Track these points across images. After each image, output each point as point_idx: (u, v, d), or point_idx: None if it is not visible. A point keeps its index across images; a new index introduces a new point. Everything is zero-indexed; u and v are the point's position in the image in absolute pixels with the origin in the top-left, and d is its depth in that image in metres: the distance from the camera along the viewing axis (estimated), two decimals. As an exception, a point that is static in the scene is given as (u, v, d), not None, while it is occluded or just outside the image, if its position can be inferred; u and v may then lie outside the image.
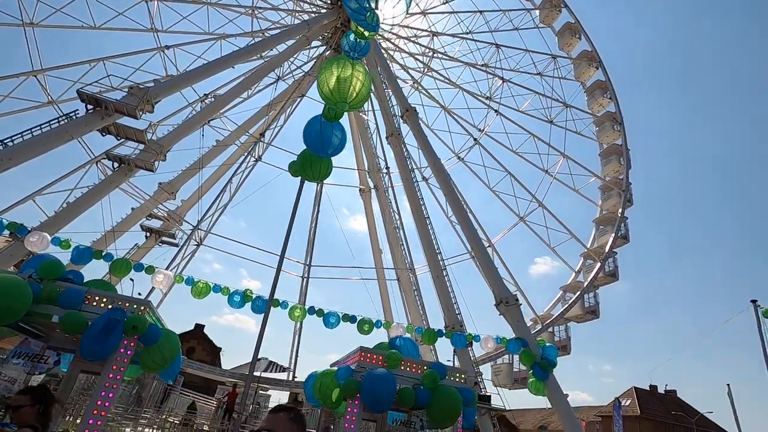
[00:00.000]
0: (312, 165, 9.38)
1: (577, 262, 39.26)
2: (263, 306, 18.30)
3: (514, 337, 21.52)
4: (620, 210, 39.59)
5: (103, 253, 18.54)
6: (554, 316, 32.68)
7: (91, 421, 7.24)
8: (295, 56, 37.05)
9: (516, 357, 32.12)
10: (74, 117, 19.85)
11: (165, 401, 20.72)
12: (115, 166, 24.65)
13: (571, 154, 42.17)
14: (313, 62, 40.08)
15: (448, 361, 24.93)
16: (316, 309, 19.16)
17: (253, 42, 30.64)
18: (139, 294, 13.55)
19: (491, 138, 41.56)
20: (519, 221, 38.20)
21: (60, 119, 19.51)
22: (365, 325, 18.63)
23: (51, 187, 24.80)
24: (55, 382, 9.87)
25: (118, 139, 22.72)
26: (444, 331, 20.38)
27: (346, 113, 7.83)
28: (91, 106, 20.19)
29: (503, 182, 39.18)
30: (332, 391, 9.16)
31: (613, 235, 38.05)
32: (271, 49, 31.56)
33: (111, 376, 7.72)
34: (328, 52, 39.86)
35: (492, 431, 25.14)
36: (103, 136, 22.23)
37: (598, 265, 36.23)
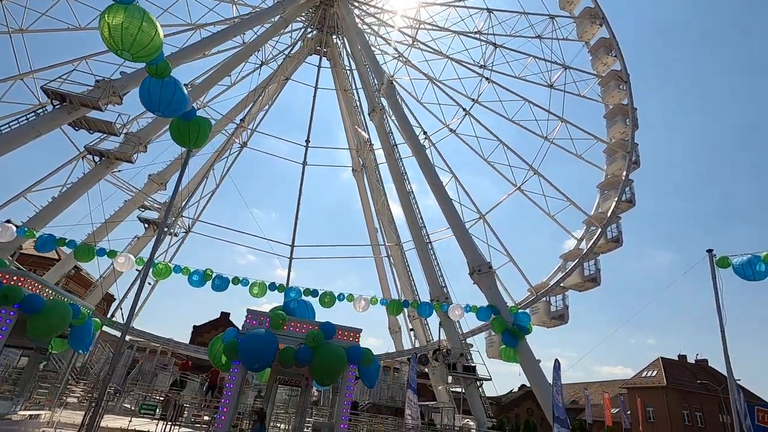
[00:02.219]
0: (184, 131, 9.39)
1: (580, 230, 37.85)
2: (223, 284, 18.83)
3: (487, 305, 21.11)
4: (624, 172, 37.69)
5: (67, 241, 19.48)
6: (549, 286, 31.70)
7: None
8: (276, 39, 37.03)
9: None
10: (41, 113, 20.70)
11: (154, 379, 21.80)
12: (96, 160, 25.69)
13: (573, 120, 40.30)
14: (299, 44, 39.97)
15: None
16: (277, 285, 19.51)
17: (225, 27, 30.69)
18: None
19: (485, 107, 40.28)
20: (515, 190, 37.01)
21: (27, 116, 20.41)
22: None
23: (42, 183, 26.08)
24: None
25: (90, 133, 23.54)
26: (409, 302, 20.23)
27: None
28: (57, 102, 20.96)
29: (498, 152, 38.02)
30: (221, 353, 9.31)
31: (617, 199, 36.32)
32: (244, 34, 31.59)
33: (-11, 342, 8.12)
34: (313, 33, 39.59)
35: (479, 401, 25.05)
36: (76, 130, 23.11)
37: (599, 230, 34.73)
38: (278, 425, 15.88)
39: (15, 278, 8.60)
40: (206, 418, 16.09)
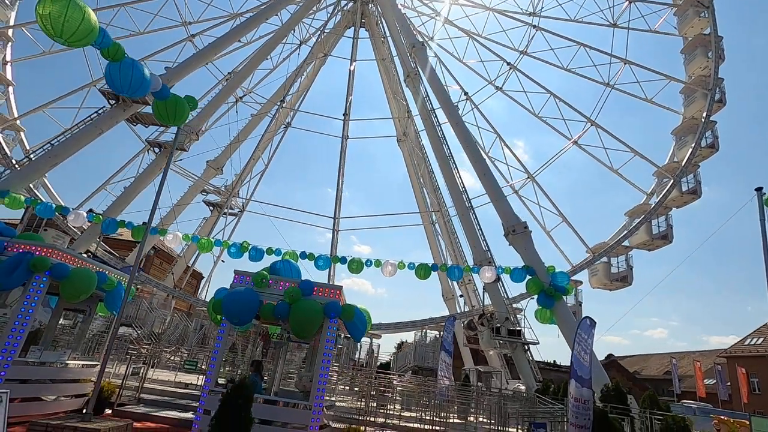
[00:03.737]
0: (163, 109, 10.17)
1: (650, 183, 34.00)
2: (258, 255, 20.28)
3: (522, 265, 20.17)
4: (704, 113, 32.95)
5: (126, 222, 22.15)
6: (609, 245, 29.21)
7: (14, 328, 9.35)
8: (312, 17, 37.46)
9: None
10: (101, 113, 23.44)
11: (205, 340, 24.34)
12: (157, 151, 28.56)
13: (639, 62, 35.75)
14: (337, 18, 40.00)
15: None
16: (308, 254, 20.51)
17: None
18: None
19: (536, 58, 37.26)
20: (570, 144, 34.16)
21: (91, 116, 23.24)
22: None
23: (118, 175, 29.76)
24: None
25: (146, 127, 26.18)
26: (438, 266, 20.01)
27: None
28: (113, 101, 23.52)
29: (549, 108, 35.18)
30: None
31: (694, 144, 32.00)
32: (279, 14, 32.35)
33: (26, 302, 9.77)
34: (348, 4, 39.35)
35: (527, 364, 24.38)
36: (134, 125, 25.79)
37: (672, 182, 30.97)
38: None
39: (43, 249, 10.18)
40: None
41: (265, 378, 11.26)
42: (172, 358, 18.72)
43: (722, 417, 16.20)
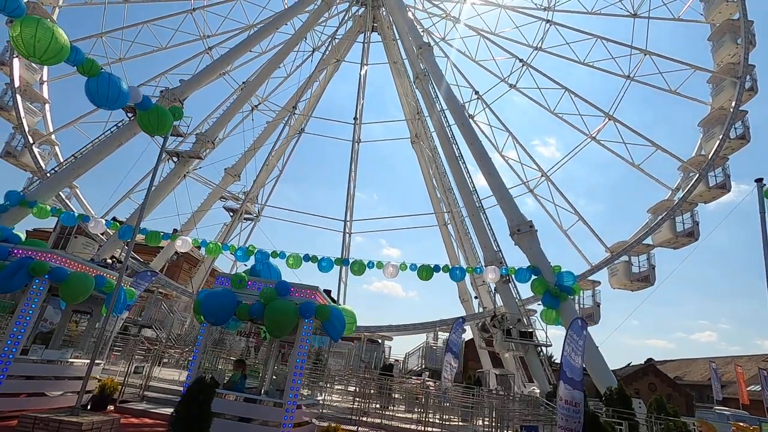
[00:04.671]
0: (146, 119, 10.72)
1: (676, 179, 32.36)
2: (264, 257, 20.79)
3: (527, 265, 19.71)
4: (733, 102, 31.17)
5: (141, 228, 23.21)
6: (628, 243, 28.02)
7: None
8: (324, 24, 38.10)
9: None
10: (120, 126, 24.77)
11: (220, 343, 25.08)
12: (175, 160, 29.85)
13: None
14: (349, 24, 40.51)
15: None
16: (311, 256, 20.82)
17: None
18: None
19: (551, 53, 36.33)
20: (588, 140, 33.05)
21: (111, 129, 24.61)
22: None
23: (141, 184, 31.28)
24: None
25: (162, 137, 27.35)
26: (440, 267, 19.86)
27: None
28: (131, 114, 24.79)
29: (564, 105, 34.22)
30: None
31: (721, 135, 30.30)
32: (290, 23, 33.13)
33: (27, 304, 10.49)
34: (359, 10, 39.78)
35: (540, 366, 23.80)
36: (152, 136, 27.00)
37: (697, 176, 29.40)
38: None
39: (43, 255, 10.91)
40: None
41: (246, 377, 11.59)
42: (182, 357, 19.50)
43: (740, 423, 15.26)
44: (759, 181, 11.17)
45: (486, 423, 16.02)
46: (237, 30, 35.37)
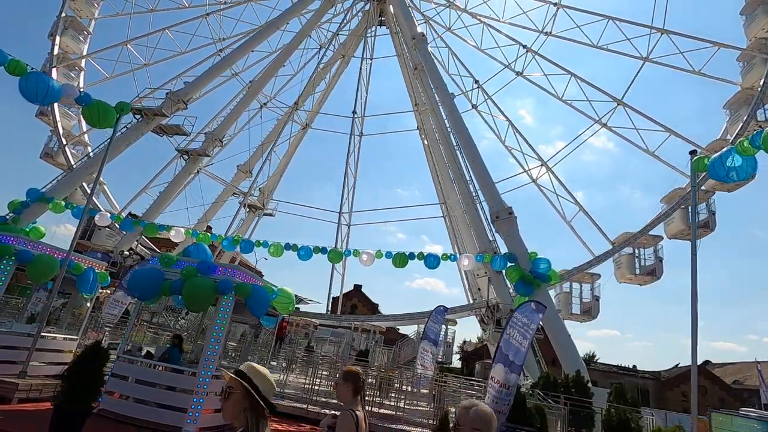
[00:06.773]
0: (87, 113, 11.75)
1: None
2: (248, 246, 21.77)
3: (504, 252, 19.29)
4: (762, 80, 28.64)
5: (140, 221, 25.01)
6: (632, 234, 26.44)
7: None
8: (330, 20, 38.82)
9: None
10: (129, 126, 26.71)
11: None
12: (186, 158, 31.70)
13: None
14: (355, 20, 40.98)
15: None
16: (291, 244, 21.53)
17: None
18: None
19: (560, 38, 34.93)
20: (597, 125, 31.46)
21: (121, 130, 26.58)
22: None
23: (155, 180, 33.46)
24: None
25: (170, 137, 29.23)
26: (415, 254, 19.85)
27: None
28: (138, 116, 26.69)
29: (572, 92, 32.75)
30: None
31: (746, 117, 27.88)
32: (289, 23, 34.08)
33: (-4, 282, 11.85)
34: (364, 6, 40.14)
35: (532, 358, 23.17)
36: (160, 136, 28.93)
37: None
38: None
39: (10, 238, 12.26)
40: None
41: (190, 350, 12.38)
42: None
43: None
44: (693, 153, 10.48)
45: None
46: (247, 32, 36.83)
